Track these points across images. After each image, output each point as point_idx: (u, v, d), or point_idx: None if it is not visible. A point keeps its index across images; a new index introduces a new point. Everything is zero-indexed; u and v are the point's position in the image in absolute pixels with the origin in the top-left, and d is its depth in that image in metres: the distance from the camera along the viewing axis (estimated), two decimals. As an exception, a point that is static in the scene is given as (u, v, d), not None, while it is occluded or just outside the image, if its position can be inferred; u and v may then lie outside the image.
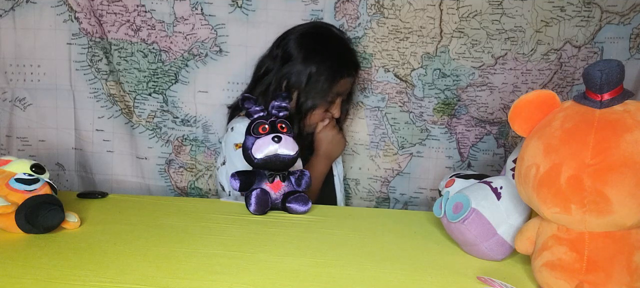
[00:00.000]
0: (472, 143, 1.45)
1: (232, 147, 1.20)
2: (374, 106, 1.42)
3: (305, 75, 1.22)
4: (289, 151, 0.97)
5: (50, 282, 0.63)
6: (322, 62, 1.23)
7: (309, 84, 1.22)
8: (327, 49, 1.26)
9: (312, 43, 1.26)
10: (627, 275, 0.59)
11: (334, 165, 1.37)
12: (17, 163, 0.85)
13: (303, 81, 1.22)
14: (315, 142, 1.29)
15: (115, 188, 1.41)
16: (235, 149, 1.19)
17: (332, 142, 1.30)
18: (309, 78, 1.22)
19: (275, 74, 1.25)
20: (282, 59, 1.26)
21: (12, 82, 1.37)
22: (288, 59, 1.25)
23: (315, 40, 1.27)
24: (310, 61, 1.23)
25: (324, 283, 0.67)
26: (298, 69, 1.23)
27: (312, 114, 1.25)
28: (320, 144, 1.29)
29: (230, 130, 1.23)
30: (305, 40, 1.26)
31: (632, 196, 0.57)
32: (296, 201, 0.98)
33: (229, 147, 1.21)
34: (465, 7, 1.36)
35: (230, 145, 1.20)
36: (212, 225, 0.89)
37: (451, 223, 0.78)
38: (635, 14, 1.35)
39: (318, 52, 1.24)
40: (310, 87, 1.22)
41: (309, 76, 1.22)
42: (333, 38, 1.30)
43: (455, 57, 1.40)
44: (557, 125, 0.63)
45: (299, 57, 1.24)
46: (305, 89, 1.22)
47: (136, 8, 1.35)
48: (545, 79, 1.40)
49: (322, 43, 1.27)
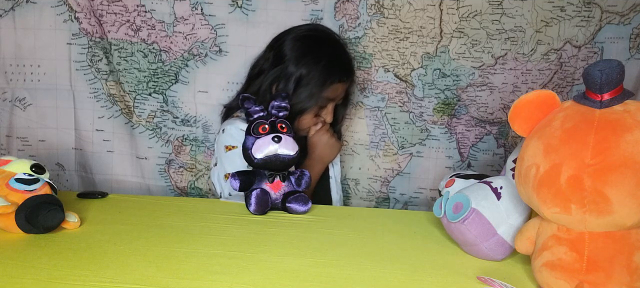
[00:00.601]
0: (472, 143, 1.45)
1: (222, 149, 1.19)
2: (373, 106, 1.42)
3: (294, 78, 1.19)
4: (289, 151, 0.97)
5: (50, 282, 0.63)
6: (314, 65, 1.20)
7: (299, 87, 1.19)
8: (320, 52, 1.23)
9: (305, 46, 1.23)
10: (627, 275, 0.59)
11: (330, 166, 1.37)
12: (17, 163, 0.85)
13: (292, 84, 1.19)
14: (309, 146, 1.28)
15: (115, 188, 1.41)
16: (225, 151, 1.18)
17: (326, 145, 1.28)
18: (298, 81, 1.19)
19: (266, 75, 1.23)
20: (274, 60, 1.24)
21: (12, 82, 1.37)
22: (280, 60, 1.22)
23: (309, 43, 1.24)
24: (301, 64, 1.20)
25: (324, 283, 0.67)
26: (289, 71, 1.20)
27: (301, 118, 1.22)
28: (313, 148, 1.27)
29: (222, 132, 1.22)
30: (298, 43, 1.24)
31: (632, 196, 0.57)
32: (296, 201, 0.98)
33: (220, 148, 1.20)
34: (465, 7, 1.36)
35: (221, 147, 1.19)
36: (212, 225, 0.89)
37: (451, 223, 0.78)
38: (635, 14, 1.35)
39: (310, 55, 1.21)
40: (301, 90, 1.19)
41: (299, 79, 1.19)
42: (328, 42, 1.27)
43: (455, 57, 1.40)
44: (557, 125, 0.63)
45: (291, 59, 1.21)
46: (295, 92, 1.19)
47: (136, 8, 1.35)
48: (545, 79, 1.40)
49: (315, 46, 1.24)
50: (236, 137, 1.16)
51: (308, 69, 1.20)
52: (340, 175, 1.41)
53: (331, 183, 1.38)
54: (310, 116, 1.24)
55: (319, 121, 1.27)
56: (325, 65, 1.21)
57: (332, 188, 1.37)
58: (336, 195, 1.38)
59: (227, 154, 1.17)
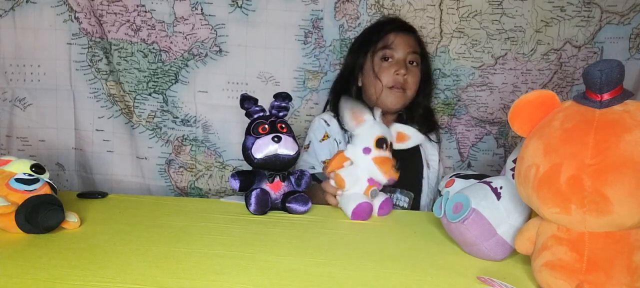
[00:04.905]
0: (472, 143, 1.45)
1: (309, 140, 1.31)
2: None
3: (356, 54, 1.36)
4: (289, 151, 0.97)
5: (50, 282, 0.63)
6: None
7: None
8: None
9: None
10: (627, 275, 0.59)
11: (425, 166, 1.33)
12: (17, 163, 0.85)
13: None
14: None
15: (115, 188, 1.42)
16: (305, 149, 1.29)
17: (320, 197, 1.10)
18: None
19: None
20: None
21: (12, 82, 1.37)
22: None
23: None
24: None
25: (324, 283, 0.67)
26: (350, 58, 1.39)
27: (379, 73, 1.29)
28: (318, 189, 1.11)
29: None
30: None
31: (632, 196, 0.57)
32: (296, 201, 0.98)
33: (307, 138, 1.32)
34: (465, 7, 1.36)
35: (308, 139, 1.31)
36: (212, 225, 0.89)
37: (451, 223, 0.78)
38: (635, 14, 1.35)
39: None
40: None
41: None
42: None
43: (455, 57, 1.40)
44: (557, 125, 0.63)
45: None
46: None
47: (136, 8, 1.35)
48: (545, 79, 1.40)
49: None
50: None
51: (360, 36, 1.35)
52: (434, 180, 1.34)
53: (423, 185, 1.32)
54: (385, 70, 1.27)
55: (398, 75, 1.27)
56: (370, 27, 1.35)
57: (423, 192, 1.31)
58: (426, 198, 1.31)
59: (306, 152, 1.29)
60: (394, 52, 1.27)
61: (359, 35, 1.37)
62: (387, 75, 1.26)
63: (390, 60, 1.27)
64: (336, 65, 1.41)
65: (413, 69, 1.28)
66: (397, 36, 1.28)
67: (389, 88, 1.26)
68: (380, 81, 1.26)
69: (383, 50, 1.27)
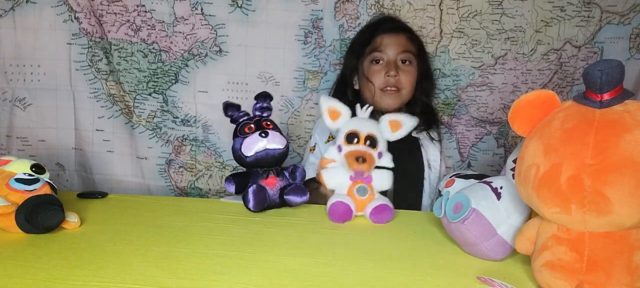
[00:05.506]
0: (472, 143, 1.45)
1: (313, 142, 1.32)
2: (374, 106, 1.42)
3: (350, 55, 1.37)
4: (278, 145, 0.97)
5: (50, 282, 0.63)
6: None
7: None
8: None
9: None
10: (627, 275, 0.59)
11: (427, 168, 1.32)
12: (17, 163, 0.85)
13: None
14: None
15: (115, 188, 1.41)
16: (311, 151, 1.31)
17: (319, 197, 1.11)
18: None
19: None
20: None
21: (12, 82, 1.37)
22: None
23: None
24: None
25: (324, 283, 0.67)
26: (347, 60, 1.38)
27: (370, 74, 1.29)
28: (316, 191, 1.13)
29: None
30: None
31: (632, 196, 0.57)
32: (293, 192, 0.98)
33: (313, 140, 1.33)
34: (465, 7, 1.36)
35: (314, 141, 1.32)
36: (212, 225, 0.89)
37: (451, 223, 0.78)
38: (635, 14, 1.35)
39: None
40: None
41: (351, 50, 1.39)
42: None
43: (455, 57, 1.40)
44: (557, 125, 0.63)
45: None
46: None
47: (136, 8, 1.35)
48: (545, 79, 1.40)
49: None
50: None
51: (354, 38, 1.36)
52: (436, 180, 1.34)
53: (425, 185, 1.32)
54: (376, 73, 1.27)
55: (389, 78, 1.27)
56: (362, 30, 1.36)
57: (424, 192, 1.31)
58: (428, 199, 1.31)
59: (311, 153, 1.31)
60: (383, 55, 1.27)
61: (354, 37, 1.37)
62: (378, 78, 1.27)
63: (381, 62, 1.28)
64: (336, 65, 1.41)
65: (406, 68, 1.28)
66: (385, 37, 1.28)
67: (382, 90, 1.27)
68: (372, 84, 1.27)
69: (372, 54, 1.28)
